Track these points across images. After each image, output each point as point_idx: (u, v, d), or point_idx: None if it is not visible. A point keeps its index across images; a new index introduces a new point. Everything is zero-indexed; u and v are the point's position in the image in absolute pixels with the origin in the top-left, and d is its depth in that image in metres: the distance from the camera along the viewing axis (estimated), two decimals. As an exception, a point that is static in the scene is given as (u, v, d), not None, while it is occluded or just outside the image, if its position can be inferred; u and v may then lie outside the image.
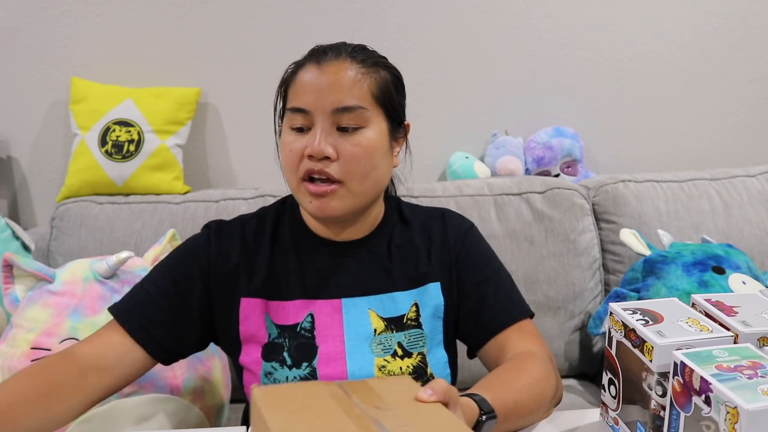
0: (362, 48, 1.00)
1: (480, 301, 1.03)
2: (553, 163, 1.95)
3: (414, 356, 1.00)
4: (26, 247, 1.54)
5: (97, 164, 1.75)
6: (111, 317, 0.99)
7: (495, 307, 1.03)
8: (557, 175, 1.95)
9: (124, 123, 1.77)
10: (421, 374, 1.01)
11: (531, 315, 1.05)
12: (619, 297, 1.52)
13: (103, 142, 1.76)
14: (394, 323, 1.00)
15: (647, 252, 1.57)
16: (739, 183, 1.84)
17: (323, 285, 1.01)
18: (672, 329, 0.79)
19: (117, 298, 1.30)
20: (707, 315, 0.85)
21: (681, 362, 0.72)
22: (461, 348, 1.09)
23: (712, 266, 1.49)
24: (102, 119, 1.78)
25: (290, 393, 0.70)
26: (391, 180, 1.11)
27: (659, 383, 0.77)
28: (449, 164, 1.96)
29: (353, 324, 0.99)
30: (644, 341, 0.79)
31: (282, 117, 1.01)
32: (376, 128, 0.96)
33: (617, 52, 2.03)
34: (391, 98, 0.99)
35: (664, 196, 1.78)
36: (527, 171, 1.97)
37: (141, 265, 1.39)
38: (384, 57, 1.02)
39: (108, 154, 1.75)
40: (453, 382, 1.07)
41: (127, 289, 1.31)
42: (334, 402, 0.65)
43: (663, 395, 0.77)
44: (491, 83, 2.00)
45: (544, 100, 2.03)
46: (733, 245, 1.60)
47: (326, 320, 0.99)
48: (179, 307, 0.99)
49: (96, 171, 1.75)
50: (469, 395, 0.82)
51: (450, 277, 1.05)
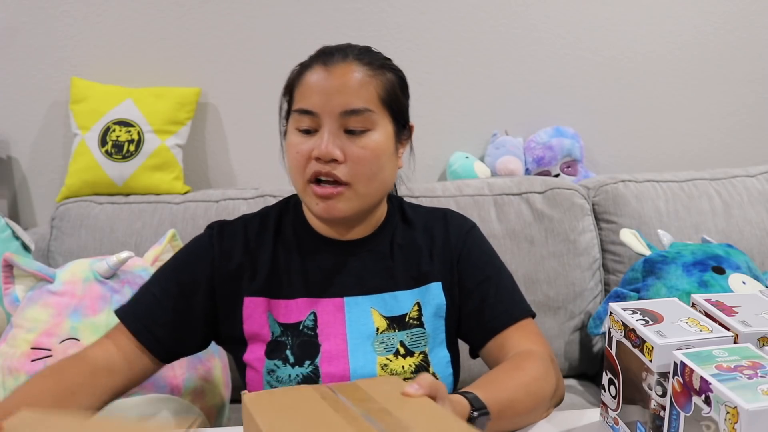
0: (368, 50, 1.01)
1: (481, 301, 1.04)
2: (553, 163, 1.95)
3: (416, 355, 1.00)
4: (26, 247, 1.54)
5: (97, 164, 1.75)
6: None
7: (496, 307, 1.03)
8: (557, 175, 1.95)
9: (124, 123, 1.77)
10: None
11: (532, 315, 1.06)
12: (619, 297, 1.52)
13: (103, 142, 1.76)
14: (397, 322, 1.01)
15: (647, 252, 1.57)
16: (739, 183, 1.84)
17: (326, 284, 1.01)
18: (672, 329, 0.79)
19: (117, 298, 1.30)
20: (707, 315, 0.85)
21: (681, 362, 0.72)
22: (463, 347, 1.09)
23: (712, 266, 1.49)
24: (102, 119, 1.77)
25: (280, 396, 0.72)
26: None
27: (659, 383, 0.77)
28: (449, 164, 1.96)
29: (356, 323, 1.00)
30: (644, 341, 0.79)
31: (287, 117, 1.01)
32: (383, 131, 0.97)
33: (617, 52, 2.02)
34: (398, 100, 1.00)
35: (664, 196, 1.78)
36: (527, 171, 1.97)
37: (141, 265, 1.39)
38: (389, 59, 1.02)
39: (108, 154, 1.75)
40: (455, 382, 1.08)
41: (128, 289, 1.32)
42: (323, 401, 0.68)
43: (663, 395, 0.77)
44: (491, 83, 2.00)
45: (544, 100, 2.03)
46: (733, 245, 1.60)
47: (329, 319, 1.00)
48: (184, 310, 1.00)
49: (96, 171, 1.75)
50: (462, 393, 0.82)
51: (451, 277, 1.05)
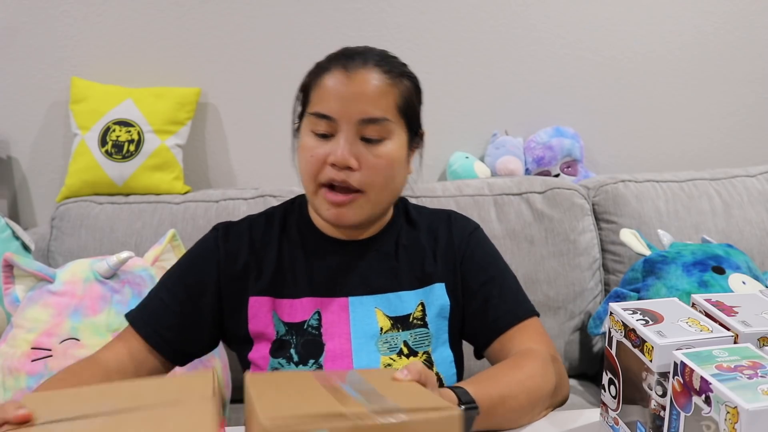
0: (387, 56, 1.00)
1: (485, 302, 1.04)
2: (553, 163, 1.95)
3: (419, 355, 1.01)
4: (26, 247, 1.54)
5: (97, 164, 1.75)
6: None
7: (500, 307, 1.04)
8: (557, 175, 1.95)
9: (124, 123, 1.77)
10: None
11: (536, 314, 1.06)
12: (619, 297, 1.52)
13: (103, 142, 1.76)
14: (401, 322, 1.01)
15: (647, 252, 1.57)
16: (739, 183, 1.84)
17: (331, 283, 1.02)
18: (672, 329, 0.79)
19: (117, 298, 1.31)
20: (707, 315, 0.85)
21: (681, 362, 0.72)
22: (467, 348, 1.09)
23: (712, 266, 1.49)
24: (102, 119, 1.77)
25: (276, 376, 0.78)
26: None
27: (659, 383, 0.77)
28: (449, 164, 1.96)
29: (360, 322, 1.00)
30: (644, 341, 0.79)
31: (300, 117, 1.01)
32: (398, 140, 0.98)
33: (617, 52, 2.02)
34: (413, 108, 1.01)
35: (664, 196, 1.78)
36: (527, 171, 1.97)
37: (141, 265, 1.39)
38: (406, 64, 1.02)
39: (108, 154, 1.75)
40: (459, 381, 1.07)
41: (128, 289, 1.32)
42: (314, 379, 0.70)
43: (663, 395, 0.77)
44: (491, 83, 2.00)
45: (544, 100, 2.03)
46: (733, 245, 1.60)
47: (333, 318, 1.00)
48: (192, 312, 1.01)
49: (96, 171, 1.75)
50: (451, 387, 0.83)
51: (454, 278, 1.05)
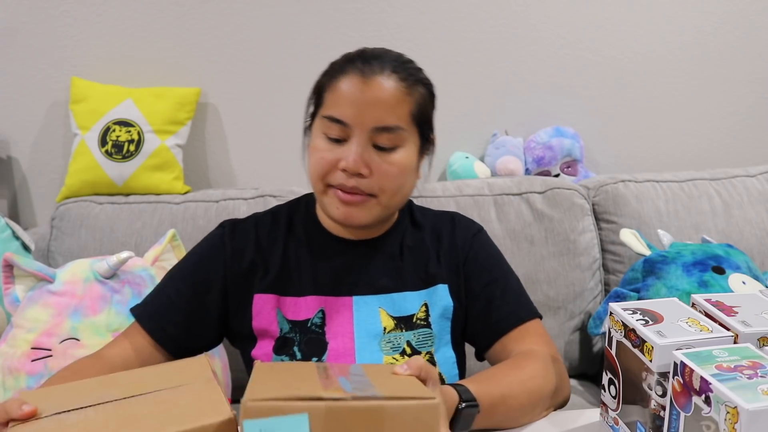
0: (404, 61, 1.00)
1: (488, 303, 1.04)
2: (553, 163, 1.95)
3: (422, 355, 1.01)
4: (26, 247, 1.54)
5: (97, 164, 1.75)
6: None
7: (502, 309, 1.04)
8: (557, 175, 1.95)
9: (124, 123, 1.77)
10: None
11: (539, 316, 1.06)
12: (619, 297, 1.52)
13: (103, 142, 1.76)
14: (404, 322, 1.01)
15: (647, 252, 1.57)
16: (739, 183, 1.84)
17: (335, 282, 1.02)
18: (672, 329, 0.79)
19: (117, 298, 1.31)
20: (707, 315, 0.85)
21: (681, 362, 0.72)
22: (470, 349, 1.09)
23: (712, 266, 1.49)
24: (102, 119, 1.77)
25: (282, 365, 0.78)
26: None
27: (659, 383, 0.77)
28: (449, 164, 1.96)
29: (363, 322, 1.00)
30: (644, 341, 0.79)
31: (312, 116, 1.01)
32: (410, 147, 0.98)
33: (617, 52, 2.02)
34: (426, 115, 1.01)
35: (664, 196, 1.78)
36: (527, 171, 1.97)
37: (141, 265, 1.39)
38: (421, 69, 1.02)
39: (108, 154, 1.75)
40: None
41: (128, 289, 1.32)
42: (314, 369, 0.70)
43: (663, 395, 0.77)
44: (491, 83, 2.00)
45: (544, 100, 2.02)
46: (733, 245, 1.60)
47: (337, 317, 1.00)
48: (197, 309, 1.02)
49: (96, 171, 1.75)
50: (453, 385, 0.83)
51: (457, 280, 1.06)
